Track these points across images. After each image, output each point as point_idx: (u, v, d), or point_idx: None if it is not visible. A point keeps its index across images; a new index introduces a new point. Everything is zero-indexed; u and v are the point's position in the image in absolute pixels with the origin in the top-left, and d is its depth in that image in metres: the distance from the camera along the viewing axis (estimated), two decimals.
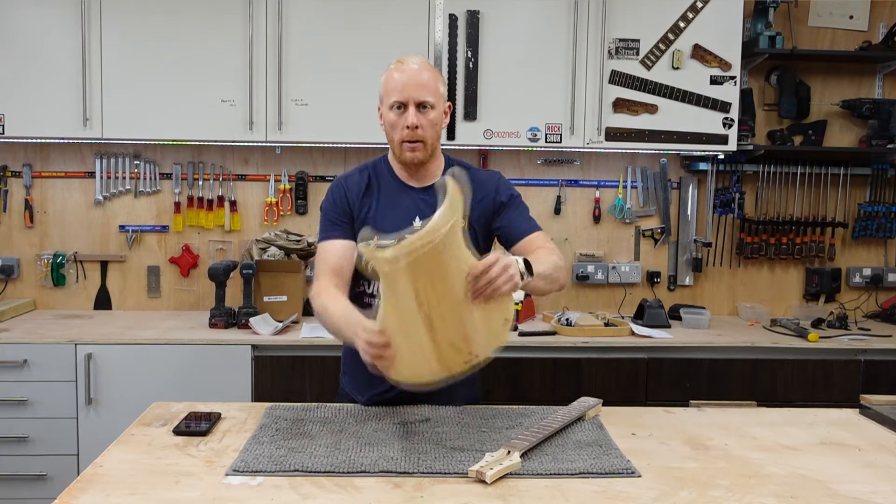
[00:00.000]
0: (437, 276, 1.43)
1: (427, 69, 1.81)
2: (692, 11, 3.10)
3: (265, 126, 3.04)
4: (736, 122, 3.15)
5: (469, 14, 3.04)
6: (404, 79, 1.78)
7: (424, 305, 1.44)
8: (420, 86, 1.78)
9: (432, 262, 1.41)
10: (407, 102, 1.78)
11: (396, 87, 1.79)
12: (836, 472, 1.51)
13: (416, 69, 1.79)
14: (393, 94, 1.79)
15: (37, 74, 2.98)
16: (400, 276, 1.41)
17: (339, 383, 2.04)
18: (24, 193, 3.33)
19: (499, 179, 1.95)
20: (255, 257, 3.16)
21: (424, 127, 1.79)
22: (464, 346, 1.52)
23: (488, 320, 1.53)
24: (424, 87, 1.78)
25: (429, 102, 1.79)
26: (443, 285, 1.44)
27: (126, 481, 1.39)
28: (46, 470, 2.78)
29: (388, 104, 1.81)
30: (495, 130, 3.09)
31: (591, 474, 1.45)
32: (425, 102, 1.78)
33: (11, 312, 3.14)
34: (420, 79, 1.78)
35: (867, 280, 3.54)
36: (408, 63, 1.80)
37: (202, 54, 3.01)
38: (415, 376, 1.54)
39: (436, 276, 1.43)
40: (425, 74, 1.80)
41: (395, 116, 1.80)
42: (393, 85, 1.79)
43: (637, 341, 2.94)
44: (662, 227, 3.50)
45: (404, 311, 1.44)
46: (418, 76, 1.78)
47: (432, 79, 1.81)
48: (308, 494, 1.35)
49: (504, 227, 1.91)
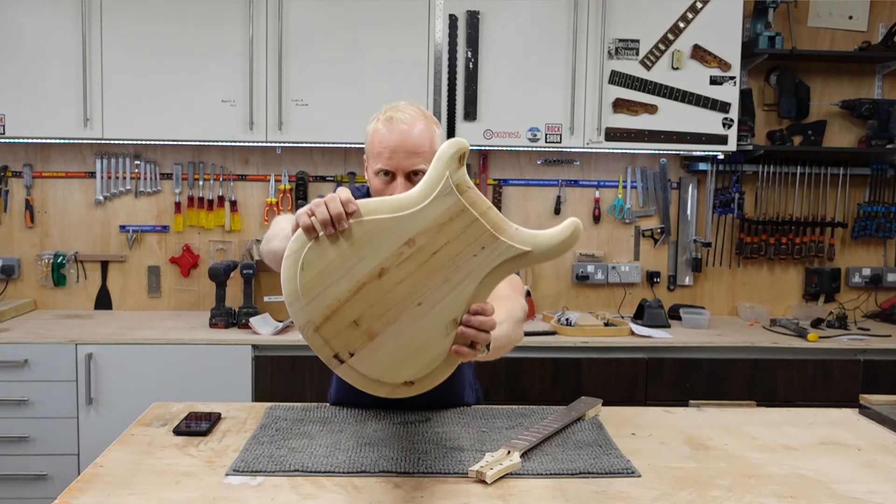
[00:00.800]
0: (425, 258, 1.20)
1: (420, 122, 1.60)
2: (692, 12, 3.11)
3: (265, 126, 3.04)
4: (735, 122, 3.15)
5: (469, 14, 3.04)
6: (393, 142, 1.56)
7: (374, 277, 1.20)
8: (411, 152, 1.56)
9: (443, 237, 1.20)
10: (396, 172, 1.57)
11: (384, 151, 1.57)
12: (835, 472, 1.51)
13: (407, 129, 1.57)
14: (379, 160, 1.58)
15: (37, 74, 2.99)
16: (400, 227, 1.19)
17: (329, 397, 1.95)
18: (24, 193, 3.33)
19: None
20: (255, 257, 3.17)
21: None
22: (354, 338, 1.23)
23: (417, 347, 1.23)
24: (416, 154, 1.56)
25: (421, 170, 1.56)
26: (417, 272, 1.21)
27: (126, 481, 1.40)
28: (46, 470, 2.78)
29: (374, 169, 1.60)
30: (495, 130, 3.10)
31: (591, 474, 1.46)
32: (417, 171, 1.57)
33: (12, 312, 3.14)
34: (411, 142, 1.56)
35: (867, 280, 3.54)
36: (397, 120, 1.58)
37: (202, 54, 3.01)
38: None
39: (426, 252, 1.20)
40: (417, 131, 1.58)
41: (382, 185, 1.59)
42: (380, 147, 1.58)
43: (637, 341, 2.94)
44: (662, 227, 3.50)
45: (349, 263, 1.20)
46: (409, 138, 1.57)
47: (425, 135, 1.59)
48: (308, 494, 1.35)
49: None
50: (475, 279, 1.23)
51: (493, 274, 1.24)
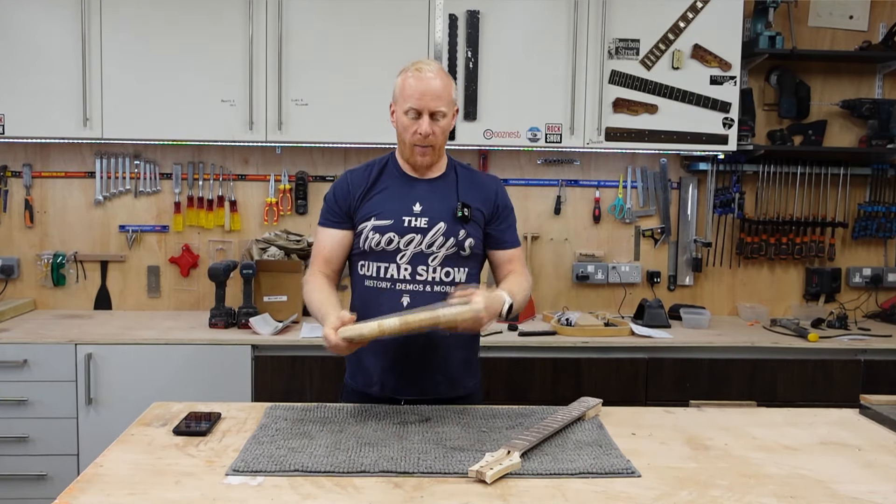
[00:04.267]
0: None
1: (442, 76, 1.88)
2: (692, 11, 3.10)
3: (265, 126, 3.04)
4: (736, 122, 3.15)
5: (469, 14, 3.04)
6: (421, 88, 1.85)
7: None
8: (436, 96, 1.86)
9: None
10: (422, 111, 1.86)
11: (413, 94, 1.86)
12: (836, 472, 1.51)
13: (433, 77, 1.87)
14: (409, 101, 1.87)
15: (37, 74, 2.99)
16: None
17: (345, 383, 2.04)
18: (24, 193, 3.33)
19: (499, 185, 2.05)
20: (255, 257, 3.16)
21: (437, 134, 1.88)
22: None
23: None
24: (439, 98, 1.86)
25: (441, 112, 1.88)
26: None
27: (126, 481, 1.39)
28: (46, 470, 2.78)
29: (403, 109, 1.88)
30: (495, 130, 3.09)
31: (591, 474, 1.46)
32: (439, 112, 1.87)
33: (11, 312, 3.14)
34: (436, 88, 1.86)
35: (867, 280, 3.54)
36: (425, 71, 1.87)
37: (202, 54, 3.01)
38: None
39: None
40: (440, 83, 1.87)
41: (409, 121, 1.88)
42: (410, 91, 1.87)
43: (637, 341, 2.94)
44: (662, 227, 3.50)
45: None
46: (434, 85, 1.86)
47: (446, 87, 1.89)
48: (308, 494, 1.35)
49: (493, 235, 2.00)
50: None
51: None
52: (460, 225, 1.91)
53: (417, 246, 1.89)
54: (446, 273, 1.91)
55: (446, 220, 1.91)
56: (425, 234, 1.89)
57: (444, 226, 1.90)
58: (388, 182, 1.96)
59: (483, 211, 1.96)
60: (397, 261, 1.90)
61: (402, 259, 1.89)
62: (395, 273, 1.90)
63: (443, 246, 1.90)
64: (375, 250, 1.90)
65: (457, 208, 1.91)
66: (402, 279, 1.90)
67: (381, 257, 1.90)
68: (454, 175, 1.99)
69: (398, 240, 1.89)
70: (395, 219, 1.90)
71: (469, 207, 1.92)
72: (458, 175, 1.99)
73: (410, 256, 1.89)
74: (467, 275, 1.94)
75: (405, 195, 1.93)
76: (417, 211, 1.91)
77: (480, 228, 1.96)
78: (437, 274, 1.90)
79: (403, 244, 1.89)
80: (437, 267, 1.90)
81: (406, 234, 1.89)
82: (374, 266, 1.92)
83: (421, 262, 1.89)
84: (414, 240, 1.89)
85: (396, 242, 1.89)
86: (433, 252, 1.90)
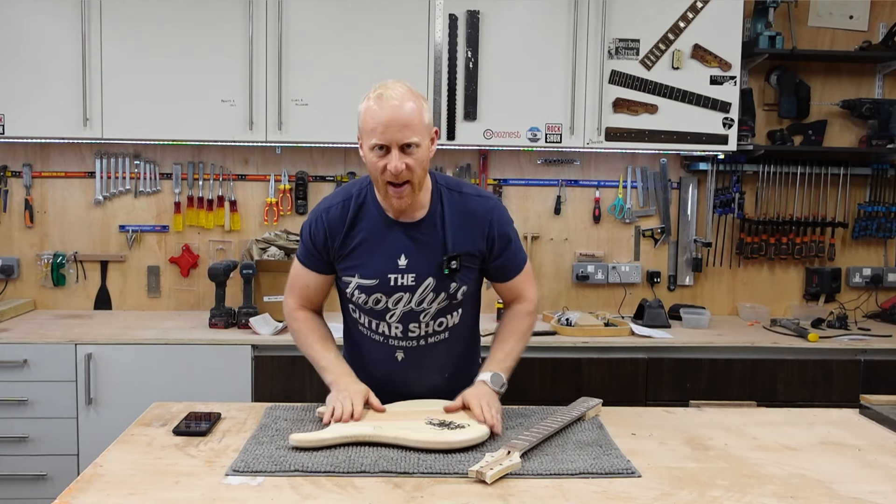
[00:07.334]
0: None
1: (410, 99, 1.64)
2: (692, 11, 3.10)
3: (265, 126, 3.04)
4: (736, 122, 3.15)
5: (469, 14, 3.04)
6: (384, 117, 1.61)
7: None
8: (403, 125, 1.61)
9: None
10: (390, 145, 1.62)
11: (377, 127, 1.62)
12: (836, 472, 1.51)
13: (398, 104, 1.61)
14: (373, 136, 1.63)
15: (37, 74, 2.98)
16: None
17: None
18: (24, 193, 3.33)
19: (494, 210, 1.80)
20: (255, 257, 3.16)
21: (412, 168, 1.64)
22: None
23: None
24: (408, 127, 1.62)
25: (414, 143, 1.63)
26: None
27: (126, 481, 1.39)
28: (46, 470, 2.78)
29: (369, 145, 1.65)
30: (495, 130, 3.09)
31: (591, 474, 1.46)
32: (411, 143, 1.63)
33: (11, 312, 3.14)
34: (402, 116, 1.61)
35: (867, 280, 3.54)
36: (387, 97, 1.62)
37: (202, 54, 3.01)
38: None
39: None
40: (408, 108, 1.62)
41: (377, 158, 1.64)
42: (373, 124, 1.63)
43: (637, 341, 2.94)
44: (662, 227, 3.50)
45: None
46: (400, 113, 1.61)
47: (416, 112, 1.64)
48: (308, 494, 1.35)
49: (494, 271, 1.86)
50: None
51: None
52: (450, 278, 1.75)
53: (406, 304, 1.76)
54: (440, 324, 1.81)
55: (434, 274, 1.74)
56: (413, 291, 1.75)
57: (434, 281, 1.75)
58: (367, 226, 1.75)
59: (477, 252, 1.78)
60: (387, 319, 1.78)
61: (391, 318, 1.78)
62: (386, 330, 1.80)
63: (434, 301, 1.77)
64: (364, 308, 1.79)
65: (443, 264, 1.73)
66: (393, 336, 1.80)
67: (370, 313, 1.80)
68: (440, 209, 1.75)
69: (386, 300, 1.76)
70: (379, 277, 1.74)
71: (458, 258, 1.74)
72: (445, 208, 1.76)
73: (400, 315, 1.77)
74: (461, 315, 1.84)
75: (388, 246, 1.74)
76: (403, 266, 1.74)
77: (475, 269, 1.81)
78: (430, 327, 1.80)
79: (392, 303, 1.76)
80: (430, 321, 1.79)
81: (394, 293, 1.75)
82: (366, 318, 1.81)
83: (412, 319, 1.78)
84: (403, 298, 1.76)
85: (385, 302, 1.76)
86: (424, 309, 1.77)
